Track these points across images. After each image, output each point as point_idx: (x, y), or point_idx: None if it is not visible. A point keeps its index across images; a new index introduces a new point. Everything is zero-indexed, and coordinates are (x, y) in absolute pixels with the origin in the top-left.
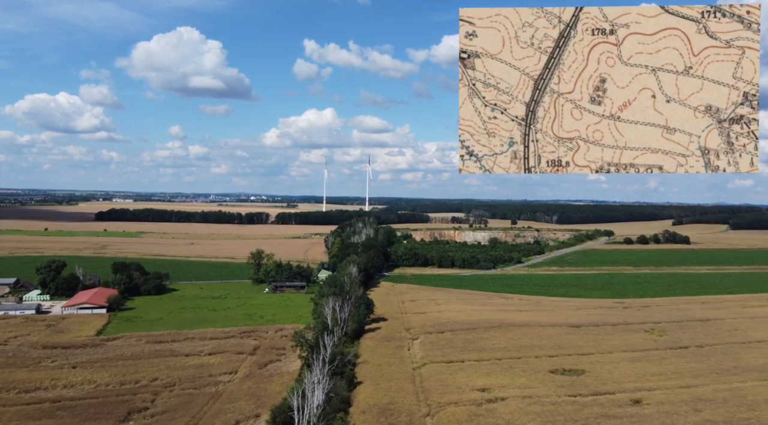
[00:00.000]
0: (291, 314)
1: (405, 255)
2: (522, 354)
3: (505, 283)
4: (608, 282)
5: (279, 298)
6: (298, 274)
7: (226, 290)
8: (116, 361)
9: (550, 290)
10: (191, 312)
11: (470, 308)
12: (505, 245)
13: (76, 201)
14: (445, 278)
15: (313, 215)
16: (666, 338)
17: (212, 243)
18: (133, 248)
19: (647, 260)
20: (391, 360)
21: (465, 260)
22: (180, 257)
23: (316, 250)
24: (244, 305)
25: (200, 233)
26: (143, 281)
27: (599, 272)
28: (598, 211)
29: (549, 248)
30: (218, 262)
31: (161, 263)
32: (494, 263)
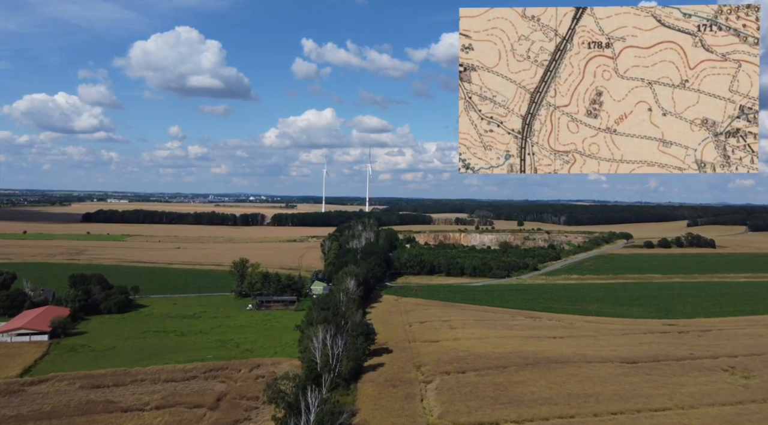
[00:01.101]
0: (274, 341)
1: (409, 262)
2: (576, 411)
3: (525, 296)
4: (642, 295)
5: (263, 317)
6: (287, 286)
7: (203, 307)
8: (27, 422)
9: (580, 306)
10: (153, 338)
11: (493, 333)
12: (517, 250)
13: (70, 202)
14: (456, 290)
15: (311, 217)
16: (756, 382)
17: (200, 248)
18: (112, 254)
19: (675, 267)
20: (399, 419)
21: (476, 268)
22: (161, 263)
23: (312, 255)
24: (219, 328)
25: (190, 236)
26: (104, 297)
27: (626, 281)
28: (608, 212)
29: (564, 252)
30: (202, 270)
31: (138, 271)
32: (508, 271)
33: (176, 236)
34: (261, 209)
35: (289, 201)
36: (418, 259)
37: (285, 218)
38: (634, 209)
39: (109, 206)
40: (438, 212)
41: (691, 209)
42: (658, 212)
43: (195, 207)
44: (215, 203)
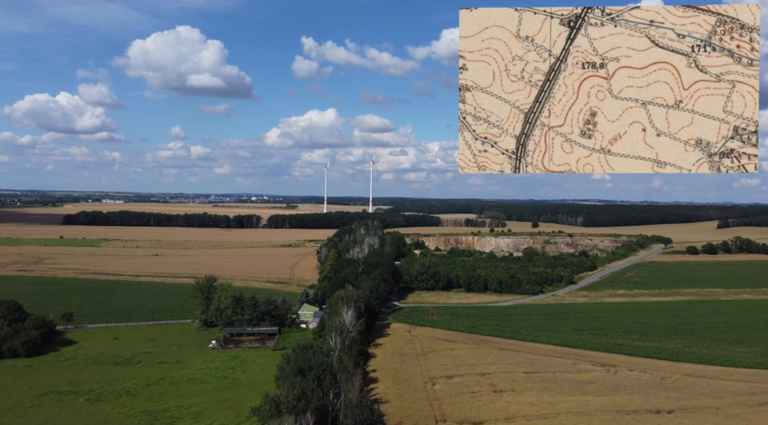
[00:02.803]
0: (231, 413)
1: (422, 275)
2: None
3: (574, 323)
4: (725, 322)
5: (227, 362)
6: (267, 314)
7: (151, 344)
8: None
9: (657, 343)
10: (52, 407)
11: (562, 402)
12: (544, 258)
13: (62, 203)
14: (483, 313)
15: (310, 218)
16: None
17: (181, 255)
18: (75, 263)
19: (735, 278)
20: None
21: (502, 282)
22: (127, 275)
23: (306, 263)
24: (158, 384)
25: (175, 239)
26: (11, 333)
27: (686, 298)
28: (629, 212)
29: (599, 260)
30: (174, 284)
31: (95, 286)
32: (540, 285)
33: (159, 241)
34: (259, 209)
35: (291, 201)
36: (432, 271)
37: (282, 219)
38: (656, 208)
39: (93, 208)
40: (444, 213)
41: (715, 209)
42: (682, 213)
43: (190, 208)
44: (215, 203)
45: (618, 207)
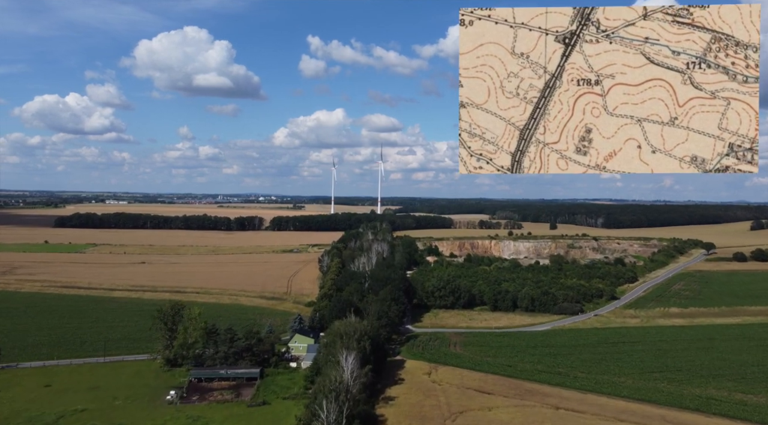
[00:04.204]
0: None
1: (439, 291)
2: None
3: (640, 362)
4: None
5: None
6: (246, 350)
7: (92, 393)
8: None
9: (765, 392)
10: None
11: None
12: (575, 267)
13: (64, 204)
14: (520, 345)
15: (316, 220)
16: None
17: (171, 262)
18: (49, 273)
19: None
20: None
21: (534, 299)
22: (100, 289)
23: (307, 273)
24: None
25: (169, 244)
26: None
27: (760, 320)
28: (652, 212)
29: (638, 269)
30: (152, 301)
31: (58, 303)
32: (578, 302)
33: (151, 246)
34: (264, 210)
35: (299, 202)
36: (451, 286)
37: (285, 221)
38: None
39: (91, 209)
40: (455, 213)
41: (745, 209)
42: (709, 213)
43: (193, 209)
44: (221, 204)
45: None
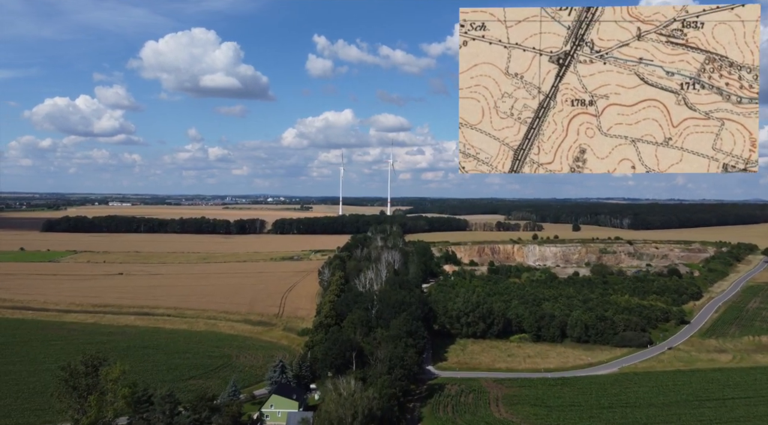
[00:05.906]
0: None
1: (466, 317)
2: None
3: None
4: None
5: None
6: (196, 423)
7: None
8: None
9: None
10: None
11: None
12: (624, 280)
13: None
14: (586, 402)
15: (321, 222)
16: None
17: (152, 272)
18: (3, 288)
19: None
20: None
21: (588, 327)
22: (53, 311)
23: (305, 287)
24: None
25: (157, 250)
26: None
27: None
28: (682, 212)
29: (699, 281)
30: (109, 327)
31: None
32: (644, 329)
33: (137, 253)
34: (268, 212)
35: (307, 202)
36: (481, 310)
37: (289, 224)
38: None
39: (78, 212)
40: (467, 214)
41: None
42: (744, 212)
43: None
44: (228, 205)
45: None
